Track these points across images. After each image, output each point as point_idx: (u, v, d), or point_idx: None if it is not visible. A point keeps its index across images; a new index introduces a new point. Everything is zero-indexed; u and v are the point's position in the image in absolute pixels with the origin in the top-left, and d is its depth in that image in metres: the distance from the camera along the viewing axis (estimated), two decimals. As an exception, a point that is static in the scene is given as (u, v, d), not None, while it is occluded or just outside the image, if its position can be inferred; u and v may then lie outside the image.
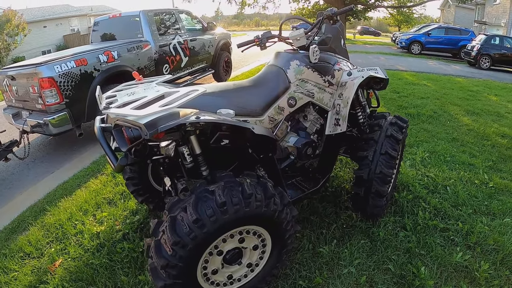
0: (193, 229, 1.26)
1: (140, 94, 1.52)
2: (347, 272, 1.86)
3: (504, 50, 12.98)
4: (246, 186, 1.36)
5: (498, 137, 4.34)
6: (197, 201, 1.30)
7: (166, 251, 1.28)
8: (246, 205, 1.34)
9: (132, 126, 1.28)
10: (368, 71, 2.12)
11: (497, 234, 2.22)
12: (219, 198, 1.29)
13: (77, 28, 25.49)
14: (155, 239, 1.33)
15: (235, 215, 1.32)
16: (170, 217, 1.29)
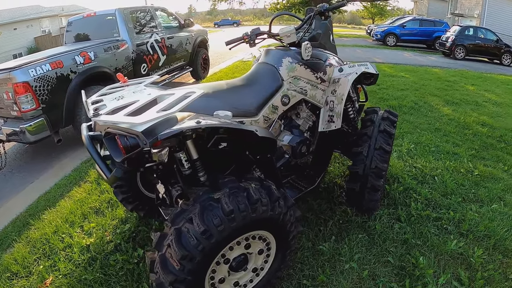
0: (201, 241, 1.22)
1: (131, 98, 1.44)
2: (348, 267, 1.91)
3: (478, 40, 13.65)
4: (252, 191, 1.33)
5: (479, 125, 4.56)
6: (203, 211, 1.25)
7: (173, 265, 1.23)
8: (253, 211, 1.31)
9: (128, 134, 1.22)
10: (359, 67, 2.16)
11: (487, 221, 2.35)
12: (226, 206, 1.25)
13: (48, 29, 24.78)
14: (159, 254, 1.27)
15: (243, 222, 1.29)
16: (175, 230, 1.25)
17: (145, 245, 2.13)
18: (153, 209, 2.30)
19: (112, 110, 1.33)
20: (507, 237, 2.20)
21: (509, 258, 2.04)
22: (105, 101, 1.48)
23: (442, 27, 16.66)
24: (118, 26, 4.55)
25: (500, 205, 2.60)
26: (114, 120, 1.21)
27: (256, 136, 1.40)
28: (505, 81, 8.81)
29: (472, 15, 19.73)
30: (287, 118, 2.14)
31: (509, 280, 1.86)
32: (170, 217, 1.31)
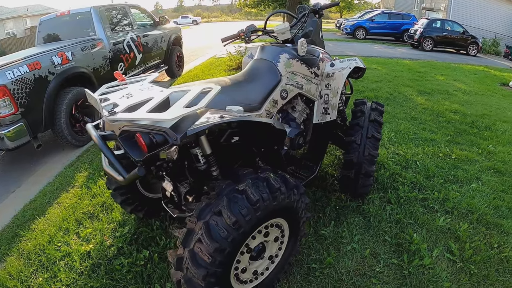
0: (231, 232, 1.28)
1: (142, 96, 1.43)
2: (351, 248, 2.08)
3: (445, 32, 14.59)
4: (272, 181, 1.42)
5: (451, 113, 4.94)
6: (230, 203, 1.31)
7: (204, 259, 1.28)
8: (274, 199, 1.40)
9: (153, 131, 1.23)
10: (351, 61, 2.33)
11: (469, 198, 2.62)
12: (252, 196, 1.32)
13: (13, 31, 23.60)
14: (188, 249, 1.32)
15: (266, 211, 1.37)
16: (204, 224, 1.30)
17: (149, 246, 2.16)
18: (152, 210, 2.35)
19: (128, 108, 1.31)
20: (487, 212, 2.48)
21: (491, 230, 2.31)
22: (112, 99, 1.44)
23: (410, 20, 17.59)
24: (94, 24, 4.47)
25: (478, 184, 2.89)
26: (137, 117, 1.21)
27: (273, 128, 1.49)
28: (472, 70, 9.49)
29: (439, 8, 20.86)
30: (284, 112, 2.27)
31: (494, 248, 2.12)
32: (196, 212, 1.35)
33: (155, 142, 1.24)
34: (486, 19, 19.24)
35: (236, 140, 1.62)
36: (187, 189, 1.75)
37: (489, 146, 3.76)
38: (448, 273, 1.93)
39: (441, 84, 6.94)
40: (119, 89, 1.61)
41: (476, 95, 6.39)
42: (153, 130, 1.22)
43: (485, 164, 3.32)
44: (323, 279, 1.87)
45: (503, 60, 14.61)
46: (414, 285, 1.84)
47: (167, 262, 2.01)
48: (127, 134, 1.32)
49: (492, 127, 4.50)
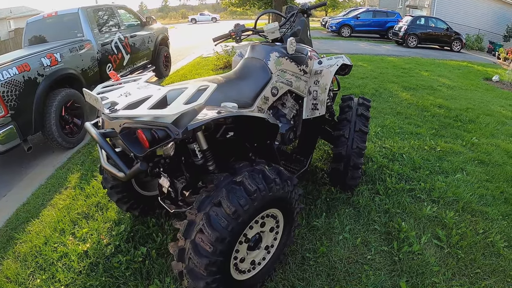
0: (230, 222, 1.35)
1: (141, 94, 1.48)
2: (342, 238, 2.18)
3: (429, 29, 14.93)
4: (267, 173, 1.51)
5: (436, 108, 5.11)
6: (228, 193, 1.38)
7: (205, 249, 1.34)
8: (269, 190, 1.48)
9: (154, 127, 1.28)
10: (338, 59, 2.44)
11: (454, 188, 2.75)
12: (250, 187, 1.40)
13: None
14: (190, 240, 1.38)
15: (262, 201, 1.46)
16: (205, 215, 1.36)
17: (146, 243, 2.20)
18: (147, 208, 2.40)
19: (128, 105, 1.37)
20: (472, 200, 2.61)
21: (477, 217, 2.45)
22: (111, 98, 1.48)
23: (395, 17, 17.94)
24: (82, 25, 4.47)
25: (463, 175, 3.04)
26: (139, 114, 1.26)
27: (267, 122, 1.57)
28: (456, 66, 9.76)
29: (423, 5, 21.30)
30: (275, 108, 2.35)
31: (479, 234, 2.26)
32: (196, 204, 1.41)
33: (157, 137, 1.29)
34: (470, 15, 19.73)
35: (231, 135, 1.69)
36: (184, 184, 1.81)
37: (472, 139, 3.93)
38: (437, 258, 2.04)
39: (426, 80, 7.14)
40: (116, 88, 1.65)
41: (460, 90, 6.60)
42: (155, 126, 1.27)
43: (469, 156, 3.47)
44: (318, 267, 1.96)
45: (487, 56, 15.01)
46: (405, 270, 1.95)
47: (165, 257, 2.07)
48: (127, 131, 1.37)
49: (476, 120, 4.68)
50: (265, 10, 2.73)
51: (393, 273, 1.94)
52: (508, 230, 2.33)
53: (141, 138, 1.30)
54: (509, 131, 4.39)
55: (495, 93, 6.74)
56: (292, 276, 1.90)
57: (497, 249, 2.14)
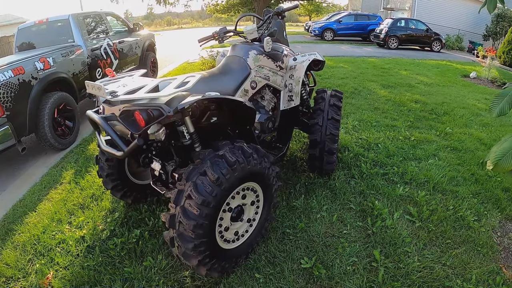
0: (214, 188, 1.56)
1: (137, 84, 1.72)
2: (320, 216, 2.38)
3: (409, 30, 15.42)
4: (246, 148, 1.74)
5: (412, 103, 5.39)
6: (213, 164, 1.60)
7: (193, 212, 1.55)
8: (248, 163, 1.70)
9: (150, 108, 1.50)
10: (310, 55, 2.68)
11: (426, 171, 2.99)
12: (230, 159, 1.62)
13: None
14: (179, 206, 1.58)
15: (242, 173, 1.67)
16: (192, 183, 1.57)
17: (139, 227, 2.36)
18: (140, 195, 2.58)
19: (127, 92, 1.61)
20: (443, 181, 2.86)
21: (447, 195, 2.69)
22: (110, 88, 1.71)
23: (376, 20, 18.47)
24: (73, 31, 4.63)
25: (435, 160, 3.29)
26: (138, 97, 1.49)
27: (244, 106, 1.79)
28: (435, 65, 10.16)
29: (404, 8, 21.92)
30: (255, 101, 2.57)
31: (449, 210, 2.49)
32: (185, 174, 1.63)
33: (152, 115, 1.50)
34: (449, 16, 20.30)
35: (214, 120, 1.89)
36: (173, 167, 2.01)
37: (446, 129, 4.19)
38: (408, 231, 2.25)
39: (404, 78, 7.46)
40: (113, 82, 1.90)
41: (437, 86, 6.91)
42: (151, 107, 1.50)
43: (442, 143, 3.73)
44: (297, 241, 2.16)
45: (467, 55, 15.53)
46: (378, 241, 2.16)
47: (157, 237, 2.24)
48: (126, 114, 1.59)
49: (450, 113, 4.96)
50: (243, 14, 2.97)
51: (368, 245, 2.14)
52: (478, 206, 2.56)
53: (138, 118, 1.52)
54: (482, 121, 4.67)
55: (471, 89, 7.07)
56: (273, 248, 2.09)
57: (467, 222, 2.35)
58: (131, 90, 1.63)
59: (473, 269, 1.97)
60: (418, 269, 1.95)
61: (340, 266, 1.97)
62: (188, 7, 18.00)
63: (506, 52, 11.66)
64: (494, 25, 17.64)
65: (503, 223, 2.45)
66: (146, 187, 2.58)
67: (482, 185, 2.89)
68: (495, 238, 2.28)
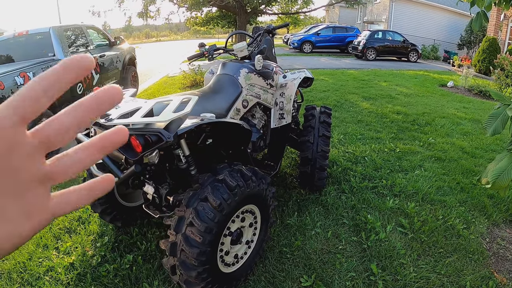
0: (216, 214, 1.55)
1: (130, 107, 1.63)
2: (315, 233, 2.42)
3: (386, 42, 16.02)
4: (245, 171, 1.74)
5: (394, 114, 5.58)
6: (213, 190, 1.59)
7: (196, 240, 1.52)
8: (247, 186, 1.71)
9: (147, 133, 1.45)
10: (300, 73, 2.75)
11: (413, 182, 3.11)
12: (231, 183, 1.62)
13: None
14: (181, 234, 1.56)
15: (241, 196, 1.67)
16: (193, 209, 1.56)
17: (131, 251, 2.31)
18: (129, 218, 2.52)
19: (121, 115, 1.54)
20: (431, 192, 2.98)
21: (436, 205, 2.80)
22: None
23: (354, 32, 19.10)
24: (53, 44, 4.53)
25: (421, 171, 3.41)
26: (134, 121, 1.44)
27: (242, 128, 1.81)
28: (413, 75, 10.57)
29: (380, 20, 22.75)
30: (245, 119, 2.60)
31: (440, 219, 2.60)
32: (185, 200, 1.61)
33: (150, 141, 1.47)
34: (425, 27, 21.24)
35: (209, 142, 1.90)
36: (167, 190, 1.98)
37: (429, 139, 4.37)
38: (402, 243, 2.33)
39: (384, 90, 7.72)
40: None
41: (417, 97, 7.20)
42: (149, 132, 1.46)
43: (427, 154, 3.88)
44: (294, 259, 2.18)
45: (442, 64, 16.27)
46: (374, 255, 2.21)
47: (151, 262, 2.19)
48: None
49: (432, 123, 5.18)
50: (235, 31, 3.02)
51: (364, 259, 2.20)
52: (466, 214, 2.69)
53: (134, 144, 1.48)
54: (463, 130, 4.91)
55: (450, 98, 7.40)
56: (272, 268, 2.10)
57: (457, 231, 2.47)
58: (125, 113, 1.57)
59: (467, 275, 2.07)
60: (415, 280, 2.02)
61: (339, 282, 2.01)
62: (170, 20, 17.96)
63: (481, 60, 12.31)
64: (468, 34, 18.56)
65: (490, 229, 2.58)
66: (136, 209, 2.54)
67: (468, 193, 3.03)
68: (484, 244, 2.40)
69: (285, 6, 21.56)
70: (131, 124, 1.49)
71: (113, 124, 1.50)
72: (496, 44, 12.47)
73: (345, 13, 30.13)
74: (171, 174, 1.96)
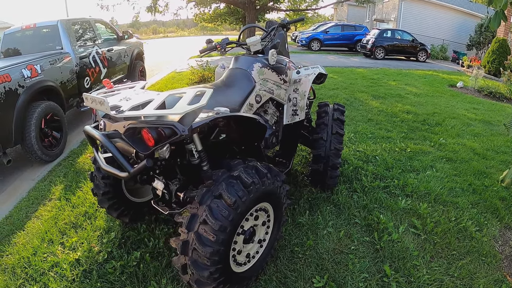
0: (230, 212, 1.48)
1: (142, 98, 1.59)
2: (327, 232, 2.36)
3: (395, 41, 15.81)
4: (260, 168, 1.67)
5: (404, 114, 5.49)
6: (228, 187, 1.52)
7: (209, 238, 1.45)
8: (262, 184, 1.64)
9: (161, 126, 1.39)
10: (314, 69, 2.67)
11: (425, 183, 3.03)
12: (246, 180, 1.55)
13: None
14: (193, 232, 1.49)
15: (256, 194, 1.60)
16: (207, 207, 1.48)
17: (138, 248, 2.26)
18: (137, 214, 2.47)
19: (132, 108, 1.48)
20: (443, 193, 2.90)
21: (448, 207, 2.73)
22: (112, 102, 1.55)
23: (362, 31, 18.91)
24: (61, 38, 4.50)
25: (433, 171, 3.33)
26: (147, 113, 1.37)
27: (257, 123, 1.73)
28: (422, 75, 10.43)
29: (389, 18, 22.51)
30: (258, 115, 2.52)
31: (452, 221, 2.53)
32: (198, 197, 1.53)
33: (163, 135, 1.40)
34: (434, 27, 20.94)
35: (223, 137, 1.83)
36: (177, 186, 1.92)
37: (440, 139, 4.29)
38: (415, 244, 2.27)
39: (394, 89, 7.61)
40: (112, 95, 1.75)
41: (427, 97, 7.08)
42: (162, 125, 1.38)
43: (438, 154, 3.80)
44: (306, 259, 2.12)
45: (451, 64, 16.03)
46: (387, 256, 2.15)
47: (159, 260, 2.14)
48: (131, 131, 1.47)
49: (442, 123, 5.08)
50: (248, 25, 2.93)
51: (377, 260, 2.14)
52: (478, 217, 2.62)
53: (146, 137, 1.41)
54: (473, 131, 4.81)
55: (459, 98, 7.27)
56: (284, 268, 2.05)
57: (470, 233, 2.41)
58: (137, 105, 1.52)
59: (480, 278, 2.03)
60: (428, 282, 1.97)
61: (352, 283, 1.95)
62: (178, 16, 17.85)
63: (491, 61, 12.14)
64: (477, 35, 18.28)
65: (503, 232, 2.52)
66: (144, 205, 2.48)
67: (480, 195, 2.96)
68: (497, 247, 2.34)
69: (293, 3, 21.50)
70: (143, 116, 1.43)
71: (124, 116, 1.43)
72: (506, 45, 12.28)
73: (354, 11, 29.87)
74: (181, 170, 1.90)
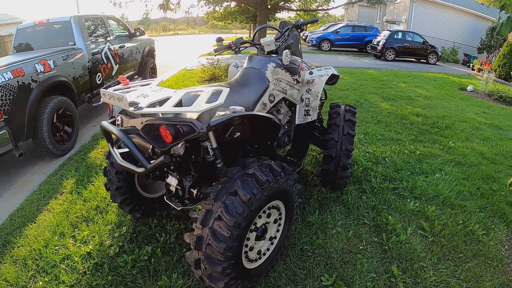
0: (245, 209, 1.51)
1: (159, 95, 1.62)
2: (336, 232, 2.39)
3: (406, 43, 15.72)
4: (274, 166, 1.70)
5: (414, 116, 5.48)
6: (243, 184, 1.55)
7: (223, 234, 1.49)
8: (276, 182, 1.67)
9: (179, 123, 1.43)
10: (327, 70, 2.71)
11: (434, 186, 3.04)
12: (261, 178, 1.58)
13: None
14: (208, 228, 1.52)
15: (270, 192, 1.64)
16: (222, 203, 1.52)
17: (149, 243, 2.29)
18: (149, 209, 2.52)
19: (150, 104, 1.51)
20: (451, 196, 2.91)
21: (456, 210, 2.74)
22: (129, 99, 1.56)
23: (373, 32, 18.85)
24: (74, 34, 4.58)
25: (442, 174, 3.33)
26: (166, 110, 1.41)
27: (272, 122, 1.77)
28: (433, 77, 10.37)
29: (400, 20, 22.37)
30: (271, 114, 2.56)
31: (460, 224, 2.54)
32: (213, 194, 1.57)
33: (182, 132, 1.43)
34: (445, 29, 20.75)
35: (238, 135, 1.86)
36: (191, 182, 1.96)
37: (449, 143, 4.28)
38: (423, 246, 2.29)
39: (404, 91, 7.59)
40: (129, 91, 1.78)
41: (437, 99, 7.05)
42: (180, 122, 1.42)
43: (447, 158, 3.79)
44: (316, 258, 2.15)
45: (462, 67, 15.90)
46: (395, 257, 2.18)
47: (171, 255, 2.18)
48: (149, 128, 1.51)
49: (452, 126, 5.07)
50: (264, 25, 2.96)
51: (385, 260, 2.16)
52: (485, 221, 2.63)
53: (164, 134, 1.45)
54: (483, 135, 4.79)
55: (469, 102, 7.23)
56: (293, 266, 2.08)
57: (477, 236, 2.42)
58: (155, 102, 1.55)
59: (486, 282, 2.04)
60: (435, 283, 2.00)
61: (360, 282, 1.98)
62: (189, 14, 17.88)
63: (502, 65, 12.02)
64: (488, 38, 18.12)
65: (509, 236, 2.53)
66: (156, 200, 2.53)
67: (487, 199, 2.97)
68: (503, 252, 2.35)
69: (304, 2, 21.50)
70: (161, 113, 1.47)
71: (142, 112, 1.47)
72: (517, 49, 12.14)
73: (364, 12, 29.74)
74: (195, 167, 1.94)
